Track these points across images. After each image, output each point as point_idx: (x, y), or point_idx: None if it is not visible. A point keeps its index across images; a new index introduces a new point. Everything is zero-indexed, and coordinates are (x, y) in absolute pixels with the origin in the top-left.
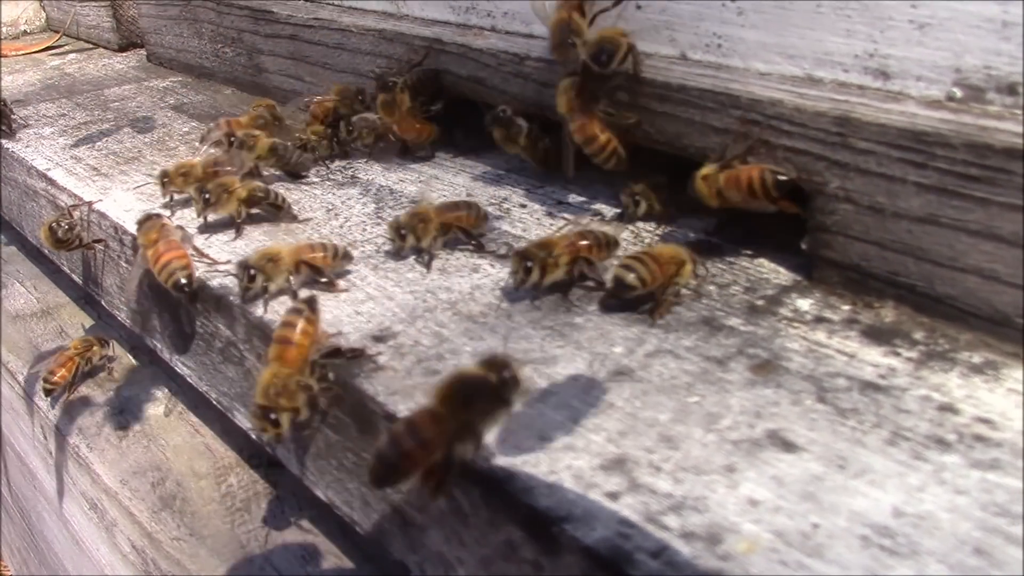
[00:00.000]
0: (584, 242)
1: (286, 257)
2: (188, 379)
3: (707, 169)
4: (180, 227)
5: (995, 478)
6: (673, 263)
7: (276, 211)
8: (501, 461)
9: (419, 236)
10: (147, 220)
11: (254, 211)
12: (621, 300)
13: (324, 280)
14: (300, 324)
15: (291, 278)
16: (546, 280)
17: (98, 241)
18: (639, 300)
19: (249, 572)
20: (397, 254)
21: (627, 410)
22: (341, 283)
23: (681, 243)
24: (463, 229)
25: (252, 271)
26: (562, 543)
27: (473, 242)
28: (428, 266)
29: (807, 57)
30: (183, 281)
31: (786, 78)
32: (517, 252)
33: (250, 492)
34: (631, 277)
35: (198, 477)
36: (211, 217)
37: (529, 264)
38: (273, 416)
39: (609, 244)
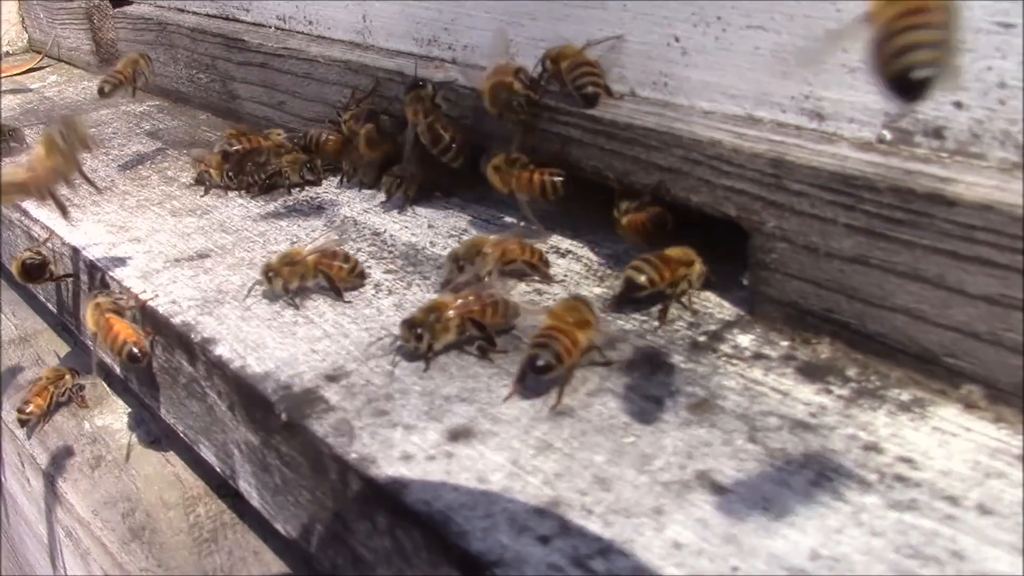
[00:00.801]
0: (475, 304)
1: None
2: (157, 411)
3: (623, 219)
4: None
5: (911, 519)
6: (682, 264)
7: None
8: (440, 504)
9: (287, 280)
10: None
11: None
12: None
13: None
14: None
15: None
16: (436, 344)
17: (68, 276)
18: (650, 299)
19: None
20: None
21: (565, 451)
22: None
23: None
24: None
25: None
26: None
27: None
28: (296, 305)
29: (748, 97)
30: (135, 352)
31: (728, 117)
32: (404, 321)
33: (217, 523)
34: (642, 279)
35: (167, 507)
36: None
37: (419, 331)
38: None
39: (506, 308)
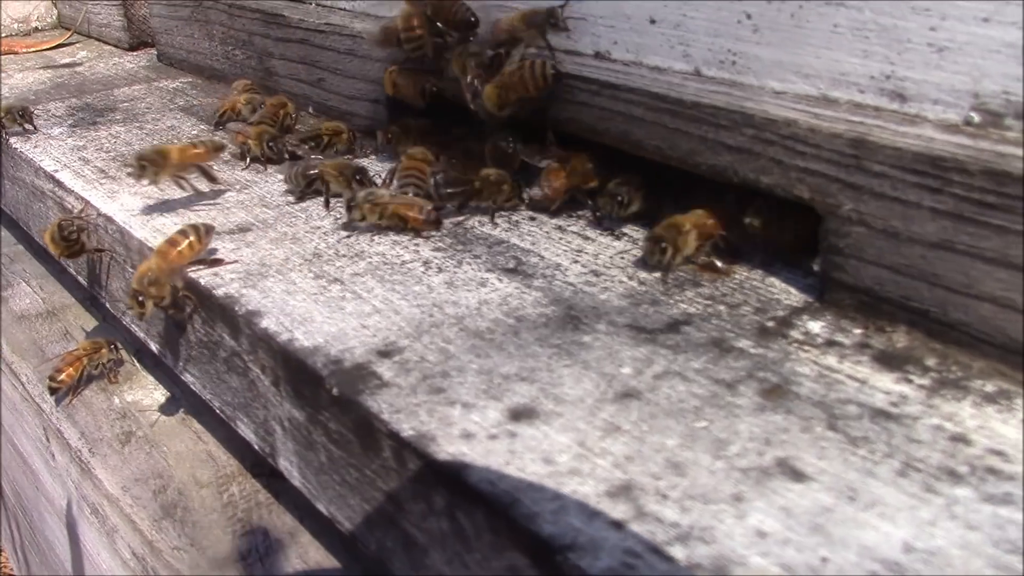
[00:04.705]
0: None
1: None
2: (192, 387)
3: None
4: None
5: (1007, 513)
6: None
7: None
8: (505, 485)
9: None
10: None
11: None
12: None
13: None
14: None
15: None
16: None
17: (100, 250)
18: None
19: None
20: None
21: (634, 434)
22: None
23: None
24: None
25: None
26: (566, 572)
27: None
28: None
29: (823, 77)
30: None
31: (800, 97)
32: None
33: (252, 502)
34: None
35: (200, 486)
36: None
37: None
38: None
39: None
